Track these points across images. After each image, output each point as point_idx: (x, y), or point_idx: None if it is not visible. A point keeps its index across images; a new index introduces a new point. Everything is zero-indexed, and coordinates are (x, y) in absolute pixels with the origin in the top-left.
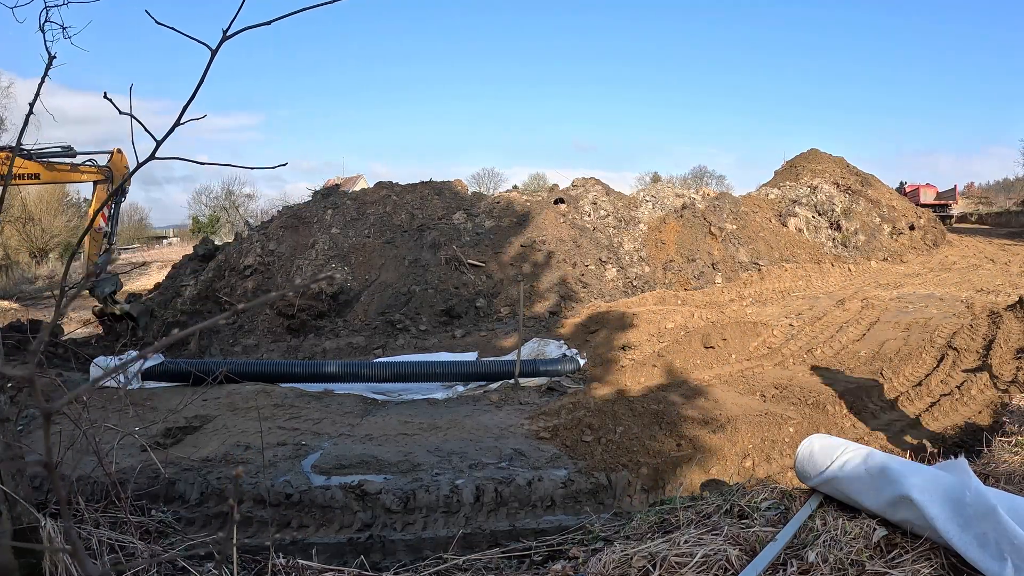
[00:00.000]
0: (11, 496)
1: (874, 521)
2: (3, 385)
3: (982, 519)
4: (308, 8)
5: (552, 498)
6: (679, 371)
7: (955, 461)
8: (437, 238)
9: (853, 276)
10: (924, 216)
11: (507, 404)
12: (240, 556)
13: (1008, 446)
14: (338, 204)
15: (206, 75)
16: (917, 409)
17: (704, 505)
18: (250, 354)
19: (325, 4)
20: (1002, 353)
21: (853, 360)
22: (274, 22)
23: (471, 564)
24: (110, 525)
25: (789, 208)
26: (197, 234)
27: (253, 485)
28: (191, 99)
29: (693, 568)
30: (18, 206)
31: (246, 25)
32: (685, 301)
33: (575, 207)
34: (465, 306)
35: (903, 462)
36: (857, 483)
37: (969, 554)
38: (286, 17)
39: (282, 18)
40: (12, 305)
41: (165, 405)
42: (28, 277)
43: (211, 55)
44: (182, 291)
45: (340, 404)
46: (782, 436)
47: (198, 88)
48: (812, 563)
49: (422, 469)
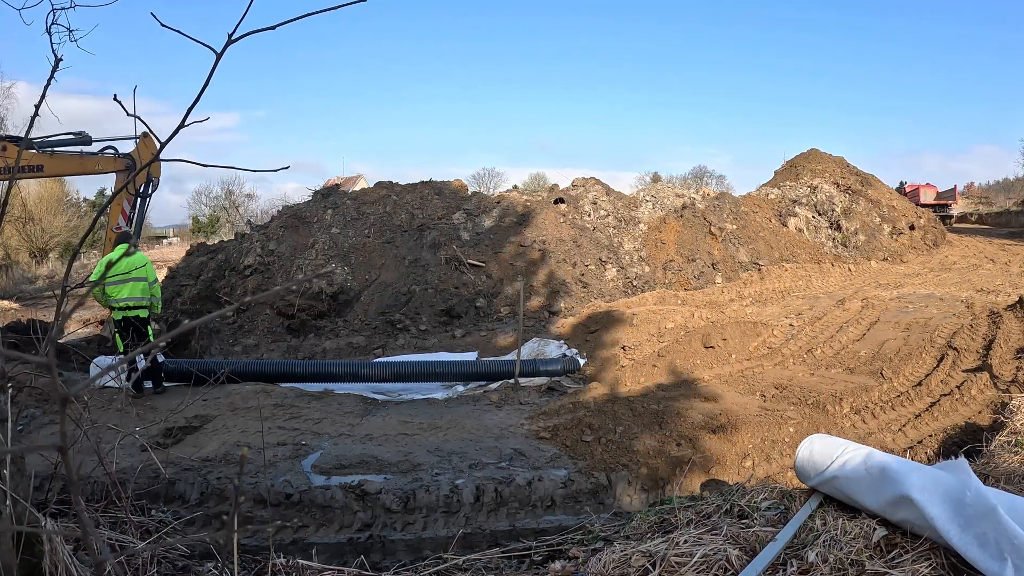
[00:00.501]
0: (11, 496)
1: (874, 521)
2: (3, 385)
3: (982, 519)
4: (314, 13)
5: (552, 498)
6: (679, 371)
7: (955, 461)
8: (437, 238)
9: (853, 276)
10: (924, 216)
11: (507, 404)
12: (240, 556)
13: (1008, 446)
14: (338, 204)
15: (211, 78)
16: (917, 409)
17: (704, 505)
18: (250, 354)
19: (331, 9)
20: (1002, 353)
21: (853, 360)
22: (279, 27)
23: (471, 564)
24: (110, 525)
25: (789, 208)
26: (197, 234)
27: (253, 485)
28: (195, 101)
29: (693, 568)
30: (18, 206)
31: (251, 29)
32: (685, 301)
33: (575, 207)
34: (465, 306)
35: (903, 462)
36: (857, 483)
37: (969, 554)
38: (291, 22)
39: (288, 23)
40: (12, 305)
41: (165, 405)
42: (28, 277)
43: (216, 58)
44: (182, 291)
45: (340, 404)
46: (782, 436)
47: (203, 91)
48: (812, 563)
49: (422, 469)
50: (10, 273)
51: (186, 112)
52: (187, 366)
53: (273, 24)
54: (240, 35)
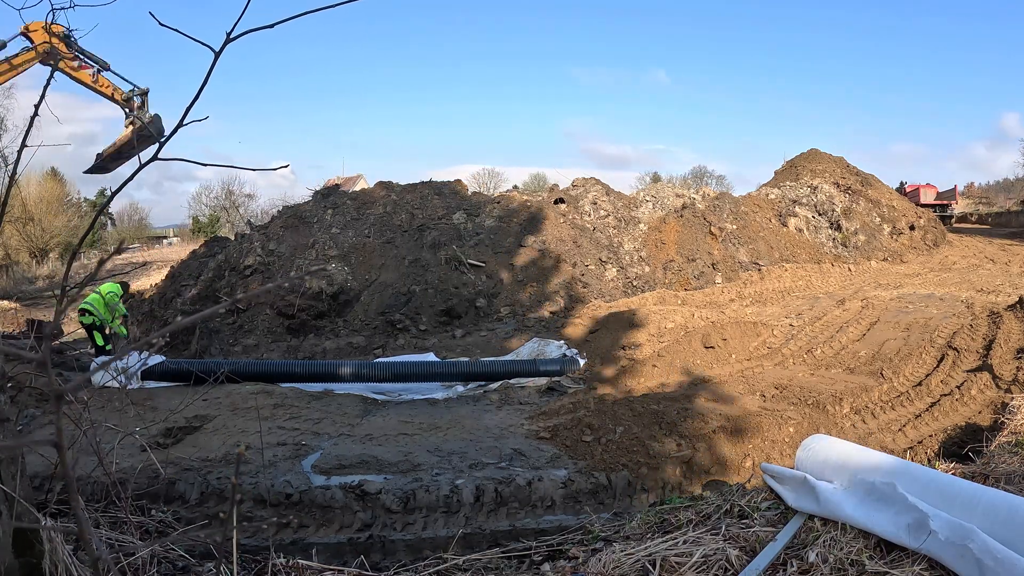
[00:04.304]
0: (11, 496)
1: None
2: (3, 385)
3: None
4: (311, 12)
5: (552, 498)
6: (679, 371)
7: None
8: (437, 238)
9: (853, 276)
10: (924, 216)
11: (507, 404)
12: (240, 556)
13: (1008, 446)
14: (338, 204)
15: (209, 77)
16: (917, 409)
17: (704, 505)
18: (250, 354)
19: (329, 7)
20: (1002, 353)
21: (853, 360)
22: (277, 25)
23: (471, 564)
24: (110, 525)
25: (789, 208)
26: (198, 234)
27: (253, 485)
28: (194, 100)
29: (693, 568)
30: (18, 206)
31: (249, 28)
32: (685, 301)
33: (575, 207)
34: (465, 306)
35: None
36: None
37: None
38: (289, 20)
39: (285, 21)
40: (12, 305)
41: (165, 405)
42: (28, 277)
43: (215, 57)
44: (183, 291)
45: (340, 404)
46: (782, 436)
47: (201, 89)
48: (812, 563)
49: (422, 469)
50: (10, 273)
51: (185, 111)
52: (187, 366)
53: (271, 23)
54: (238, 34)
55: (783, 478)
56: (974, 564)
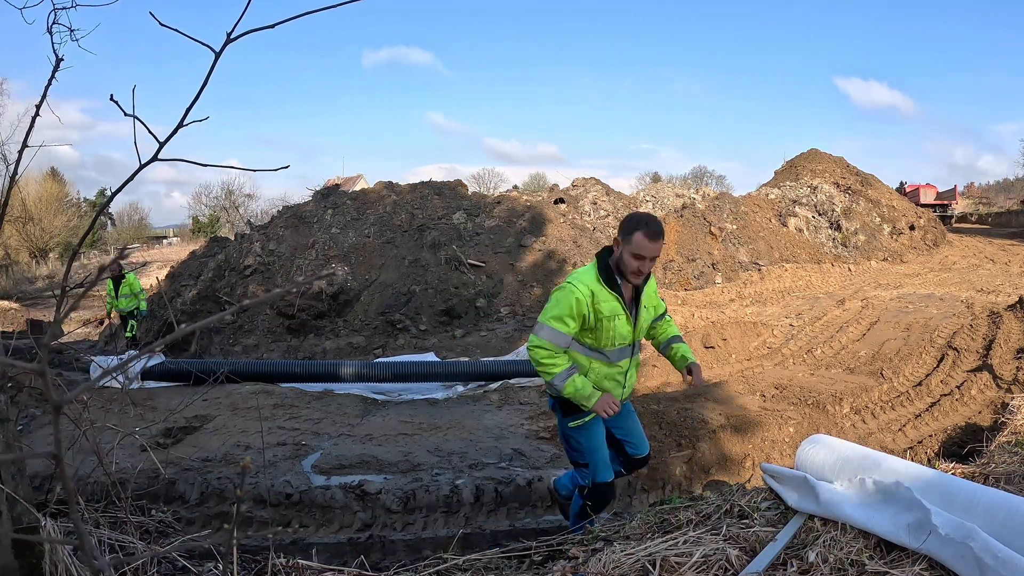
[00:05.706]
0: (11, 496)
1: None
2: (3, 385)
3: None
4: (312, 12)
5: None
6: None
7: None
8: (437, 238)
9: (853, 276)
10: (924, 216)
11: (507, 404)
12: (240, 556)
13: (1008, 446)
14: (338, 204)
15: (210, 77)
16: (917, 409)
17: (704, 505)
18: (250, 354)
19: (330, 8)
20: (1002, 353)
21: (853, 360)
22: (278, 25)
23: (471, 564)
24: (110, 525)
25: (789, 208)
26: (198, 234)
27: (253, 485)
28: (194, 101)
29: (693, 568)
30: (18, 206)
31: (250, 28)
32: (685, 301)
33: (575, 207)
34: (465, 306)
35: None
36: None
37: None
38: (290, 20)
39: (286, 21)
40: (12, 305)
41: (165, 405)
42: (28, 277)
43: (215, 57)
44: (182, 291)
45: (340, 404)
46: (782, 436)
47: (201, 90)
48: (812, 563)
49: (422, 469)
50: (10, 273)
51: (185, 111)
52: (187, 366)
53: (272, 23)
54: (239, 34)
55: (783, 478)
56: (974, 563)
